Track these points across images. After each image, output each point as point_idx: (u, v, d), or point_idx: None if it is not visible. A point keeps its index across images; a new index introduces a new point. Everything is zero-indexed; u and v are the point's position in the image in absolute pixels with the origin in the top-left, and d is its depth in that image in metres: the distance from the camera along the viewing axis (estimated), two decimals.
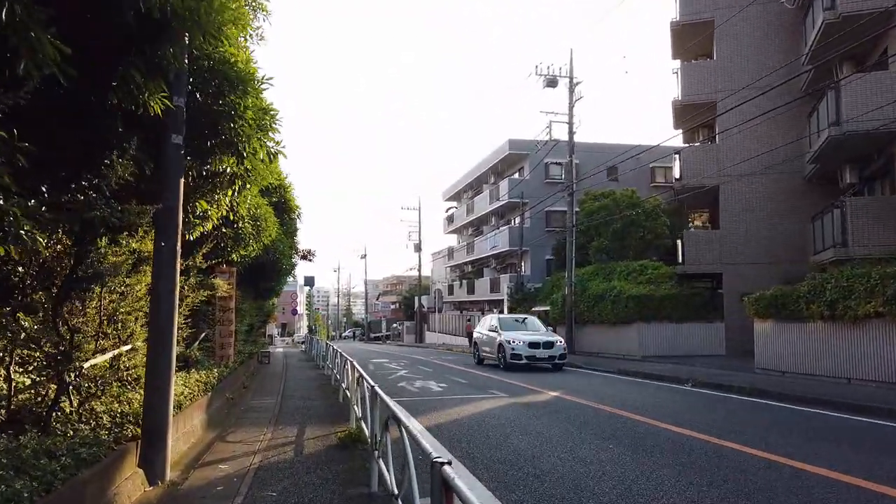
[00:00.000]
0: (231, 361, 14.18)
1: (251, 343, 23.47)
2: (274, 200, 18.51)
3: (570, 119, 28.46)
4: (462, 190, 55.38)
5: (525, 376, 17.41)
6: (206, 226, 8.97)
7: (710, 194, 24.43)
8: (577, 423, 9.40)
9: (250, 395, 13.11)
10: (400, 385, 15.58)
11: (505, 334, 20.36)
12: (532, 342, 19.54)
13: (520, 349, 19.41)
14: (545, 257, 40.78)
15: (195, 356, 10.26)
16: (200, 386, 8.75)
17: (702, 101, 23.72)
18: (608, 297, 25.14)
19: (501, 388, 14.34)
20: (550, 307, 30.68)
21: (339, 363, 12.77)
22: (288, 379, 16.99)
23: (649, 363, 21.26)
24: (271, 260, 18.16)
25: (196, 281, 10.36)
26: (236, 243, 13.28)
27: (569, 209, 28.60)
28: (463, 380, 16.71)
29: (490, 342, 21.44)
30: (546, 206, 37.22)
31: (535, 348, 19.40)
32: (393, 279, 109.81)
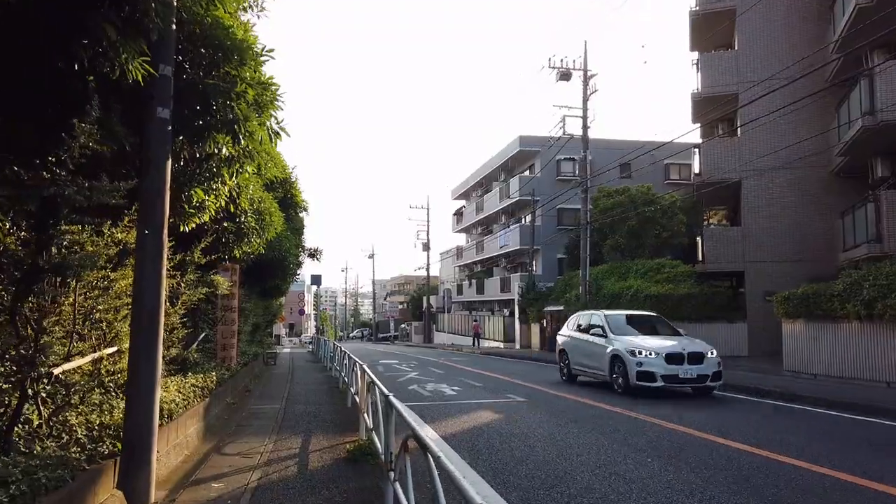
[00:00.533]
0: (234, 363, 13.47)
1: (256, 344, 22.80)
2: (279, 196, 17.83)
3: (585, 113, 27.63)
4: (471, 188, 54.59)
5: (542, 378, 16.63)
6: (203, 217, 8.24)
7: (730, 190, 23.56)
8: (606, 433, 8.62)
9: (253, 399, 12.39)
10: (411, 388, 14.83)
11: (620, 341, 13.68)
12: (671, 353, 12.76)
13: (653, 364, 12.67)
14: (557, 256, 39.94)
15: (193, 358, 9.55)
16: (197, 391, 8.02)
17: (722, 93, 22.85)
18: (625, 296, 24.30)
19: (519, 393, 13.56)
20: (564, 307, 29.84)
21: (348, 365, 12.03)
22: (294, 382, 16.28)
23: None
24: (277, 257, 17.47)
25: (194, 277, 9.64)
26: (238, 238, 12.58)
27: (583, 206, 27.76)
28: (477, 382, 15.94)
29: (591, 352, 14.83)
30: (557, 204, 36.41)
31: (677, 363, 12.65)
32: (401, 279, 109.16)
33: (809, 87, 19.01)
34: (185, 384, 7.85)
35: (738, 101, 22.25)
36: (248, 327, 16.90)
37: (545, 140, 40.74)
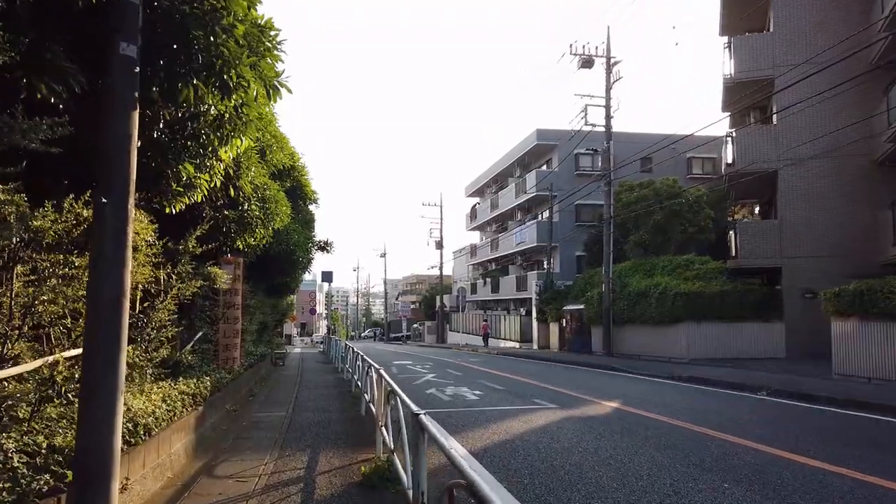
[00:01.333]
0: (237, 365, 12.37)
1: (264, 343, 21.75)
2: (287, 186, 16.75)
3: (608, 102, 26.36)
4: (486, 185, 53.35)
5: (568, 381, 15.41)
6: (195, 196, 7.12)
7: (764, 181, 22.19)
8: (661, 447, 7.40)
9: (257, 405, 11.26)
10: (429, 392, 13.67)
11: None
12: None
13: None
14: (575, 254, 38.64)
15: (187, 360, 8.42)
16: (187, 400, 6.89)
17: (759, 77, 21.49)
18: (652, 294, 23.00)
19: (547, 398, 12.36)
20: (585, 306, 28.57)
21: (361, 368, 10.88)
22: (302, 385, 15.15)
23: (700, 367, 19.13)
24: (285, 251, 16.37)
25: (188, 269, 8.53)
26: (241, 228, 11.47)
27: (606, 199, 26.48)
28: (499, 385, 14.74)
29: None
30: (576, 200, 35.12)
31: None
32: (413, 278, 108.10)
33: (852, 69, 17.69)
34: (172, 392, 6.72)
35: (773, 87, 20.89)
36: (253, 326, 15.82)
37: (563, 133, 39.47)
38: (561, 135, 39.50)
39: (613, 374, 18.22)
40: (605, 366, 20.70)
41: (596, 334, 28.05)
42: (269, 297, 22.00)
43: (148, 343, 7.47)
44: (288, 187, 16.77)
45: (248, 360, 14.38)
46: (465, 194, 59.25)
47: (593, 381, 15.84)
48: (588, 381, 16.07)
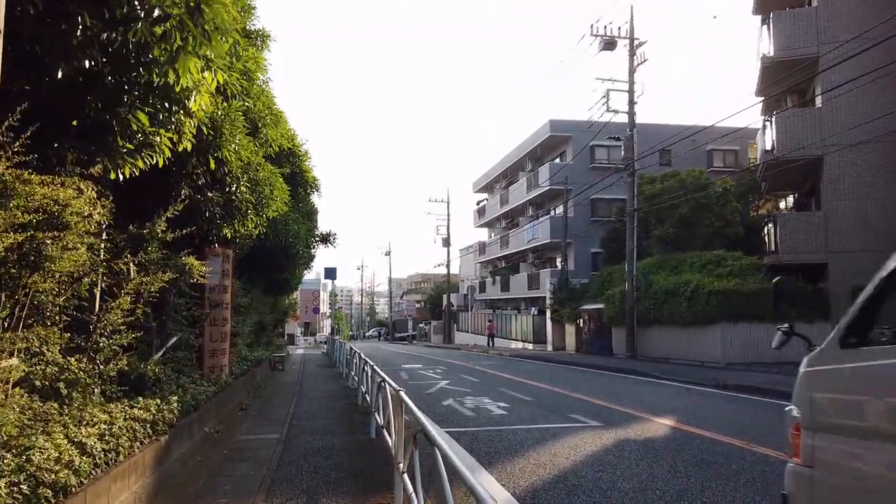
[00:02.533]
0: (225, 374, 10.65)
1: (262, 346, 20.05)
2: (286, 172, 15.07)
3: (631, 87, 24.58)
4: (495, 180, 51.57)
5: (600, 389, 13.65)
6: (154, 158, 5.41)
7: (804, 170, 20.41)
8: (758, 488, 5.67)
9: (247, 422, 9.51)
10: (446, 404, 11.93)
11: None
12: None
13: None
14: (591, 250, 36.85)
15: (153, 374, 6.70)
16: (141, 430, 5.17)
17: (800, 55, 19.68)
18: (682, 292, 21.22)
19: (585, 412, 10.61)
20: (605, 305, 26.80)
21: (370, 378, 9.14)
22: (302, 394, 13.42)
23: (741, 372, 17.37)
24: (283, 244, 14.66)
25: (156, 257, 6.81)
26: (229, 214, 9.75)
27: (629, 190, 24.70)
28: (525, 396, 12.99)
29: None
30: (591, 194, 33.28)
31: None
32: (418, 277, 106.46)
33: None
34: (117, 418, 4.99)
35: (818, 66, 19.08)
36: (247, 328, 14.11)
37: (578, 125, 37.67)
38: (575, 126, 37.75)
39: (647, 381, 16.45)
40: (633, 370, 18.93)
41: (617, 335, 26.30)
42: (267, 295, 20.29)
43: (97, 353, 5.76)
44: (287, 173, 15.08)
45: (241, 366, 12.67)
46: (473, 190, 57.49)
47: (629, 390, 14.08)
48: (623, 389, 14.31)
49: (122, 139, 5.00)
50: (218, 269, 10.83)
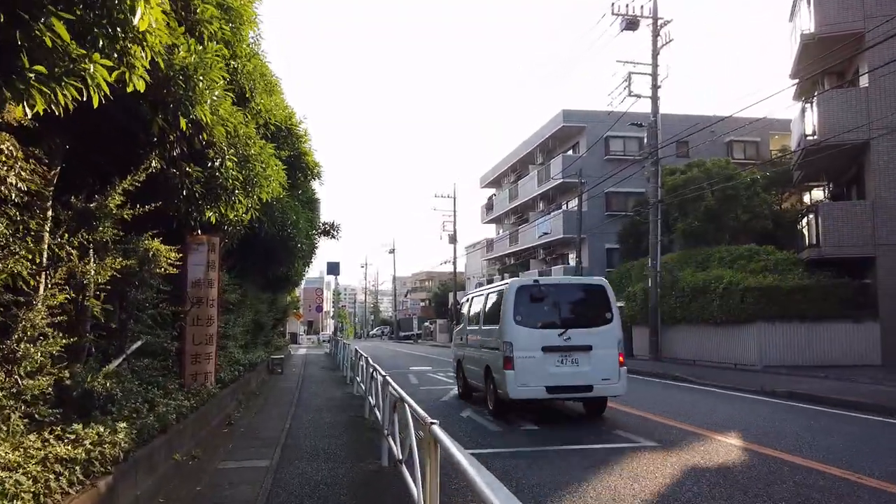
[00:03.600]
0: (210, 382, 9.14)
1: (260, 346, 18.56)
2: (284, 156, 13.54)
3: (654, 69, 22.97)
4: (503, 174, 49.95)
5: (637, 397, 12.07)
6: (85, 94, 3.87)
7: (846, 157, 18.81)
8: None
9: (233, 442, 7.95)
10: (465, 415, 10.42)
11: None
12: None
13: None
14: (605, 246, 35.28)
15: (104, 388, 5.18)
16: (67, 475, 3.63)
17: (845, 31, 18.09)
18: (714, 289, 19.62)
19: (631, 427, 9.07)
20: (625, 303, 25.16)
21: (379, 389, 7.59)
22: (301, 404, 11.88)
23: (784, 376, 15.81)
24: (281, 235, 13.13)
25: (108, 239, 5.29)
26: (212, 194, 8.21)
27: (653, 179, 23.07)
28: (556, 406, 11.42)
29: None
30: (606, 187, 31.65)
31: None
32: (422, 275, 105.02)
33: None
34: (30, 463, 3.47)
35: (863, 42, 17.47)
36: (238, 328, 12.57)
37: (592, 115, 36.10)
38: (589, 116, 36.18)
39: (682, 387, 14.89)
40: (661, 374, 17.37)
41: (638, 335, 24.72)
42: (266, 292, 18.79)
43: (14, 363, 4.24)
44: (285, 157, 13.55)
45: (233, 371, 11.16)
46: (480, 185, 55.85)
47: (670, 398, 12.53)
48: (662, 396, 12.76)
49: (33, 62, 3.47)
50: (202, 260, 9.33)
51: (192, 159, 7.53)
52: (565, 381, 9.56)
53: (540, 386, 9.46)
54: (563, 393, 9.77)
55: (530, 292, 10.32)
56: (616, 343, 10.12)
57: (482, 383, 10.95)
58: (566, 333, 9.75)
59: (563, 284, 12.24)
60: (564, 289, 11.27)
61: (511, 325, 9.77)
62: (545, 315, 10.18)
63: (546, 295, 10.48)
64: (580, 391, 9.74)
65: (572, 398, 10.30)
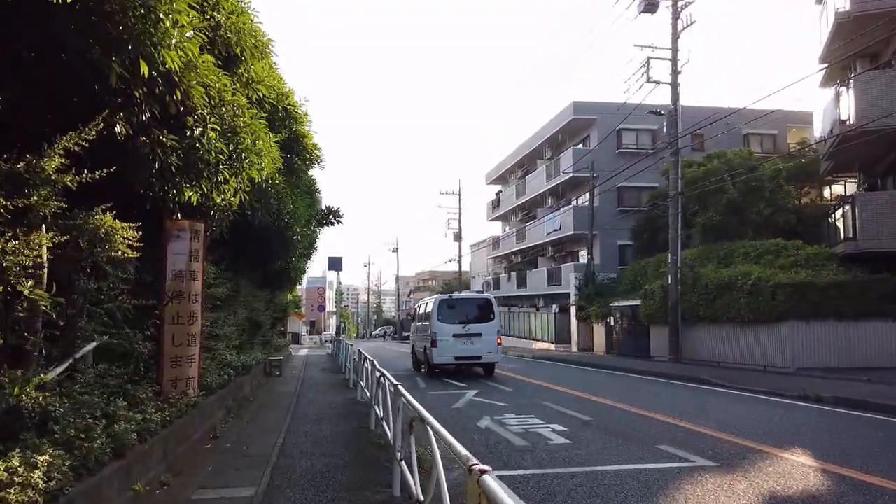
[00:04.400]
0: (193, 388, 7.96)
1: (258, 347, 17.39)
2: (281, 139, 12.39)
3: (674, 53, 21.74)
4: (510, 170, 48.72)
5: (670, 404, 10.86)
6: None
7: (883, 143, 17.54)
8: None
9: (214, 461, 6.74)
10: (483, 425, 9.21)
11: None
12: None
13: None
14: (617, 243, 34.02)
15: (36, 404, 3.98)
16: None
17: (885, 8, 16.82)
18: (741, 286, 18.38)
19: (678, 441, 7.86)
20: (642, 301, 23.96)
21: (388, 397, 6.40)
22: (299, 413, 10.66)
23: (822, 379, 14.61)
24: (278, 225, 11.94)
25: (47, 211, 4.09)
26: (193, 169, 7.05)
27: (673, 171, 21.85)
28: (580, 413, 10.21)
29: None
30: (619, 182, 30.39)
31: None
32: (426, 274, 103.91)
33: None
34: None
35: None
36: (230, 327, 11.36)
37: (604, 106, 34.83)
38: (600, 108, 34.93)
39: (715, 391, 13.67)
40: (687, 377, 16.15)
41: (656, 335, 23.49)
42: (263, 289, 17.61)
43: None
44: (282, 140, 12.38)
45: (222, 374, 9.97)
46: (486, 182, 54.63)
47: (707, 405, 11.30)
48: (697, 403, 11.53)
49: None
50: (183, 249, 8.14)
51: (166, 126, 6.36)
52: (465, 353, 16.89)
53: (451, 356, 16.92)
54: (465, 360, 17.07)
55: (447, 303, 17.92)
56: (496, 332, 17.36)
57: (423, 358, 18.38)
58: (466, 327, 17.03)
59: (465, 298, 19.29)
60: (467, 301, 18.60)
61: (436, 322, 17.18)
62: (455, 316, 17.37)
63: (456, 304, 18.00)
64: (474, 359, 17.07)
65: (469, 364, 17.45)
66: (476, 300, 18.58)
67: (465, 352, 16.81)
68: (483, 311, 17.59)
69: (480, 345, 16.89)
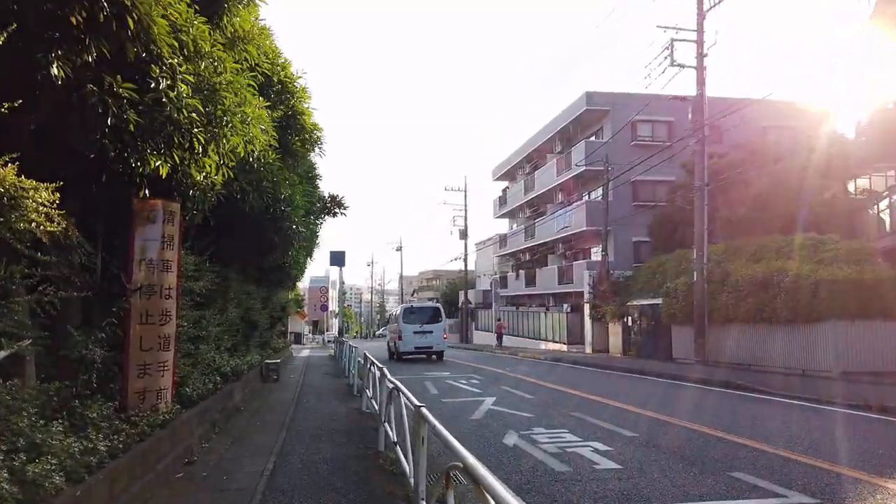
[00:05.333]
0: (166, 402, 6.62)
1: (255, 349, 16.04)
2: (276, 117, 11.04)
3: (700, 34, 20.33)
4: (517, 165, 47.29)
5: (716, 415, 9.47)
6: None
7: None
8: None
9: (179, 497, 5.35)
10: (511, 443, 7.85)
11: None
12: None
13: None
14: (632, 239, 32.59)
15: None
16: None
17: None
18: (778, 283, 16.98)
19: (759, 467, 6.48)
20: (664, 300, 22.55)
21: (410, 430, 5.03)
22: (295, 428, 9.27)
23: (868, 384, 13.33)
24: (273, 212, 10.58)
25: None
26: (160, 133, 5.68)
27: (699, 161, 20.44)
28: (622, 428, 8.82)
29: None
30: (633, 176, 28.96)
31: None
32: (429, 273, 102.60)
33: None
34: None
35: None
36: (216, 327, 9.96)
37: (618, 97, 33.43)
38: (615, 98, 33.53)
39: (757, 398, 12.31)
40: (720, 382, 14.77)
41: (679, 336, 22.07)
42: (260, 285, 16.23)
43: None
44: (277, 118, 11.00)
45: (207, 382, 8.62)
46: (493, 178, 53.20)
47: (763, 418, 9.90)
48: (750, 415, 10.14)
49: None
50: (155, 233, 6.79)
51: (118, 70, 4.99)
52: (421, 344, 24.07)
53: (412, 347, 24.10)
54: (421, 350, 24.20)
55: (409, 310, 25.98)
56: (443, 330, 25.29)
57: (393, 348, 25.76)
58: (422, 326, 24.26)
59: (421, 307, 27.85)
60: (423, 308, 26.70)
61: (401, 322, 24.72)
62: (415, 318, 24.75)
63: (415, 311, 25.73)
64: (427, 349, 24.09)
65: (424, 353, 24.40)
66: (430, 308, 27.16)
67: (421, 343, 24.55)
68: (434, 315, 25.57)
69: (431, 339, 24.62)
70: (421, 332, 24.36)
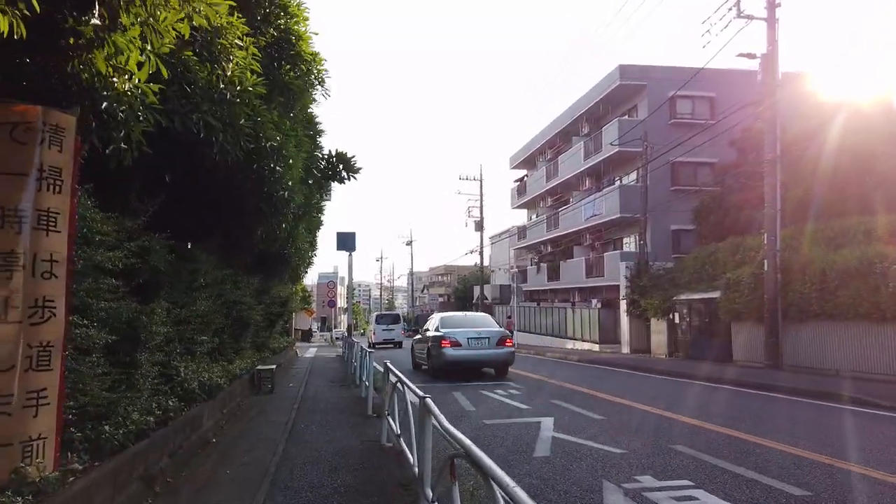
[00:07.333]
0: (43, 462, 3.68)
1: (250, 351, 13.18)
2: (263, 43, 8.17)
3: None
4: (538, 151, 44.24)
5: (841, 442, 6.54)
6: None
7: None
8: None
9: None
10: (612, 500, 4.88)
11: None
12: None
13: None
14: (671, 227, 29.59)
15: None
16: None
17: None
18: (877, 272, 13.95)
19: None
20: (723, 293, 19.53)
21: None
22: (281, 481, 6.38)
23: None
24: (258, 166, 7.67)
25: None
26: None
27: (769, 131, 17.37)
28: (767, 476, 5.85)
29: None
30: (672, 157, 25.86)
31: None
32: (440, 269, 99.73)
33: None
34: None
35: None
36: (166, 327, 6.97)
37: (655, 70, 30.41)
38: (651, 72, 30.47)
39: (884, 417, 9.27)
40: (818, 393, 11.84)
41: (742, 335, 19.07)
42: (254, 273, 13.35)
43: None
44: (265, 44, 8.09)
45: (153, 411, 5.72)
46: (511, 165, 50.14)
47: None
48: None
49: None
50: (22, 162, 3.90)
51: None
52: (388, 338, 37.97)
53: (382, 339, 37.66)
54: (387, 342, 37.48)
55: (379, 316, 44.32)
56: (401, 328, 41.92)
57: (371, 340, 38.09)
58: (388, 326, 39.52)
59: (386, 314, 47.30)
60: (387, 315, 44.79)
61: (373, 323, 41.78)
62: (383, 321, 40.80)
63: (384, 316, 44.54)
64: (392, 342, 37.67)
65: (389, 343, 37.29)
66: (392, 314, 45.36)
67: (388, 336, 37.71)
68: (395, 319, 41.81)
69: (394, 334, 38.20)
70: (386, 329, 38.78)
